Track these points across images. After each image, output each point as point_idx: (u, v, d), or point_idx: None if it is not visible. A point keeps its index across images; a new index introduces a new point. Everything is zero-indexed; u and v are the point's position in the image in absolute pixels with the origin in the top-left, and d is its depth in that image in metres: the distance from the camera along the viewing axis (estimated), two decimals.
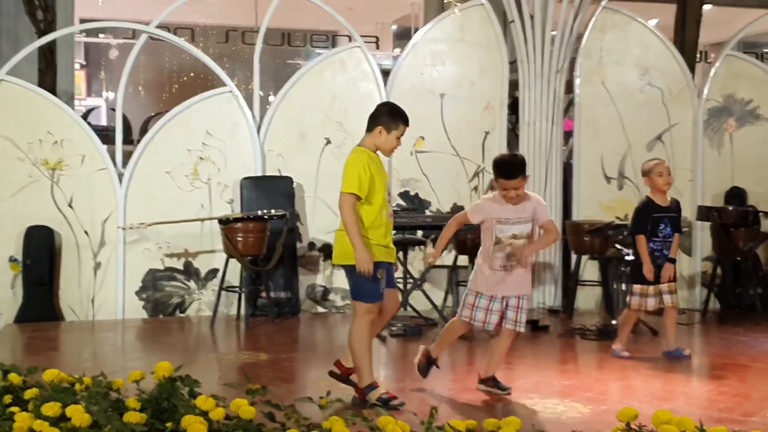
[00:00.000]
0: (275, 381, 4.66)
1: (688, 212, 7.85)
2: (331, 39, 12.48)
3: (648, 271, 5.26)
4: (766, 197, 7.78)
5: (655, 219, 5.34)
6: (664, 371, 5.09)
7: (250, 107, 7.19)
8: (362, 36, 7.60)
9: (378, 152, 4.25)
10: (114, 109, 7.36)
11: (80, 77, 13.12)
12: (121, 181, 6.90)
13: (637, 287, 5.35)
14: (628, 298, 5.43)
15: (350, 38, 7.62)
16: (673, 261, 5.39)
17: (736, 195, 7.84)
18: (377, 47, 12.90)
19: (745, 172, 7.95)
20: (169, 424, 3.02)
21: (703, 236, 7.79)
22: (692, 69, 8.13)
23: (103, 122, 12.20)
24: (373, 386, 4.19)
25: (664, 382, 4.84)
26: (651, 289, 5.31)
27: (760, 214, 7.14)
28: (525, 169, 4.26)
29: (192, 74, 13.64)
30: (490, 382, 4.43)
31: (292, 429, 3.02)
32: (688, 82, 7.91)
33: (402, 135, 4.24)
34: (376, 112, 4.28)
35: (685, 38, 8.56)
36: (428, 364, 4.53)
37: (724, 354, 5.63)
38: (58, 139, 6.80)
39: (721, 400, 4.41)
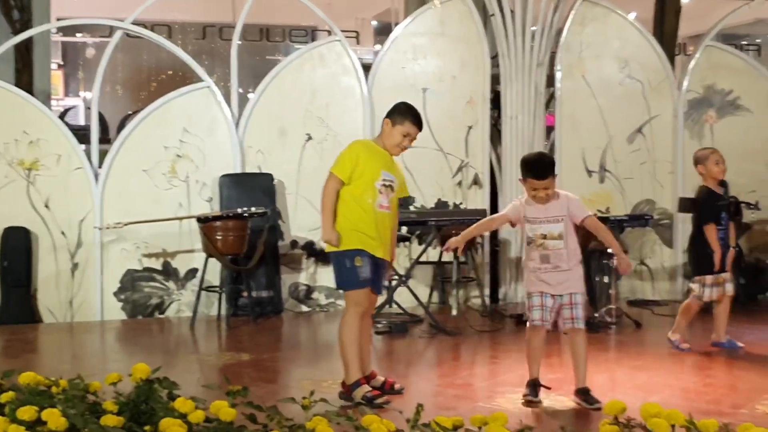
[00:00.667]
0: (257, 381, 4.59)
1: (669, 204, 7.88)
2: (310, 34, 12.39)
3: (719, 260, 5.26)
4: (748, 188, 7.77)
5: (720, 207, 5.35)
6: (648, 364, 5.07)
7: (228, 103, 7.11)
8: (342, 31, 7.51)
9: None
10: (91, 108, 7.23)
11: (58, 77, 12.94)
12: (97, 180, 6.80)
13: (709, 278, 5.28)
14: (696, 289, 5.32)
15: (330, 33, 7.53)
16: (733, 248, 5.46)
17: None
18: (357, 42, 12.82)
19: (726, 163, 7.91)
20: (147, 428, 2.95)
21: (684, 228, 7.75)
22: (672, 61, 8.13)
23: (81, 122, 12.03)
24: (359, 383, 4.15)
25: (649, 374, 4.82)
26: (719, 278, 5.30)
27: (742, 204, 7.15)
28: (554, 168, 4.19)
29: (170, 72, 13.51)
30: (580, 394, 4.18)
31: (274, 430, 2.96)
32: (667, 74, 7.91)
33: (407, 134, 4.32)
34: (391, 108, 4.42)
35: (665, 30, 8.55)
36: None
37: (709, 345, 5.60)
38: (34, 138, 6.69)
39: (708, 392, 4.39)
